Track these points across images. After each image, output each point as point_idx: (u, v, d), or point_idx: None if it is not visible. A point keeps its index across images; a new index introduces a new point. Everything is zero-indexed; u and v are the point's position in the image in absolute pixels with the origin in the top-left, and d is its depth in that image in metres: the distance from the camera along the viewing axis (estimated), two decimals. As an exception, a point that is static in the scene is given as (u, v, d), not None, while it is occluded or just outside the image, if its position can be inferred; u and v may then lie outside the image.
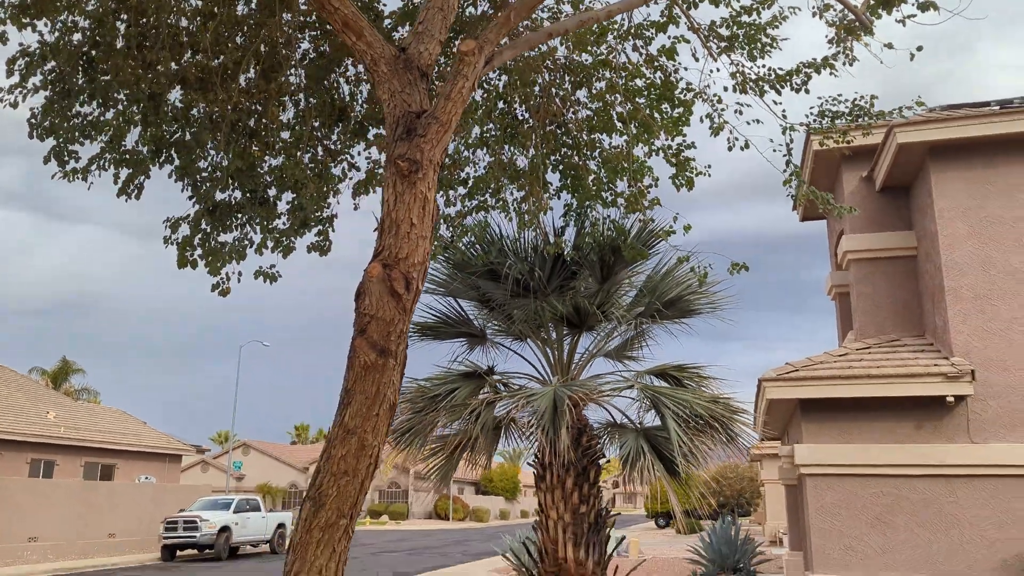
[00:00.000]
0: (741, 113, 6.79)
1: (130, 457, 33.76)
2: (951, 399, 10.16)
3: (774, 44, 6.71)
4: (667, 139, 7.23)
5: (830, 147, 9.03)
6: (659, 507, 48.99)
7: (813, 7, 6.29)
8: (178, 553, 26.90)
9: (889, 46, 5.83)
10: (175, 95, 6.96)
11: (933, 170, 11.08)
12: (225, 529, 26.69)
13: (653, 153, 7.52)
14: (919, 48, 5.77)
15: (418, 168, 4.08)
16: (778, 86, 7.06)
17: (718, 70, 6.85)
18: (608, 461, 8.78)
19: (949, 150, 11.00)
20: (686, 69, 7.08)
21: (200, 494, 32.60)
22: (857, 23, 5.96)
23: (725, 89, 6.80)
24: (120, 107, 6.82)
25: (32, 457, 29.85)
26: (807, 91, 7.12)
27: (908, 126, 10.76)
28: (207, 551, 26.65)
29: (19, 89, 6.62)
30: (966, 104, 11.88)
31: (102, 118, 6.71)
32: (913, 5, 5.72)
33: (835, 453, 10.53)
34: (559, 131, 7.75)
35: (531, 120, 7.76)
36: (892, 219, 12.34)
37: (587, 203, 7.63)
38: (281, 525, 30.17)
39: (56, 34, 6.53)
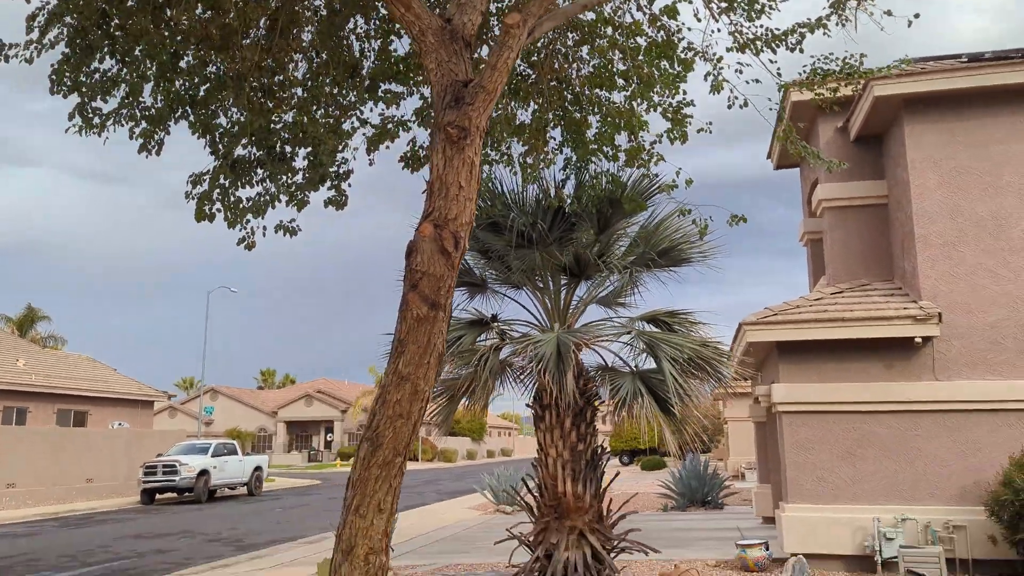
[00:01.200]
0: (741, 72, 7.12)
1: (102, 404, 33.78)
2: (919, 340, 10.81)
3: (773, 5, 7.02)
4: (667, 96, 7.54)
5: (809, 99, 9.41)
6: (624, 445, 50.44)
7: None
8: (157, 497, 27.27)
9: (888, 13, 6.19)
10: (190, 52, 7.07)
11: (907, 121, 11.54)
12: (204, 473, 27.08)
13: (652, 108, 7.82)
14: (916, 15, 6.14)
15: (466, 135, 4.37)
16: (774, 45, 7.39)
17: (719, 30, 7.16)
18: (602, 402, 9.26)
19: (922, 102, 11.45)
20: (689, 29, 7.37)
21: (175, 439, 32.87)
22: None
23: (729, 50, 7.12)
24: (136, 63, 6.92)
25: (4, 405, 29.76)
26: (801, 50, 7.47)
27: (884, 79, 11.16)
28: (186, 494, 27.05)
29: (34, 45, 6.69)
30: (938, 56, 12.31)
31: (121, 74, 6.81)
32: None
33: (810, 392, 11.17)
34: (561, 86, 8.01)
35: (534, 76, 8.01)
36: (865, 168, 12.82)
37: (588, 157, 7.94)
38: (258, 468, 30.61)
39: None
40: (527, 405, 9.48)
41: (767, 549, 11.12)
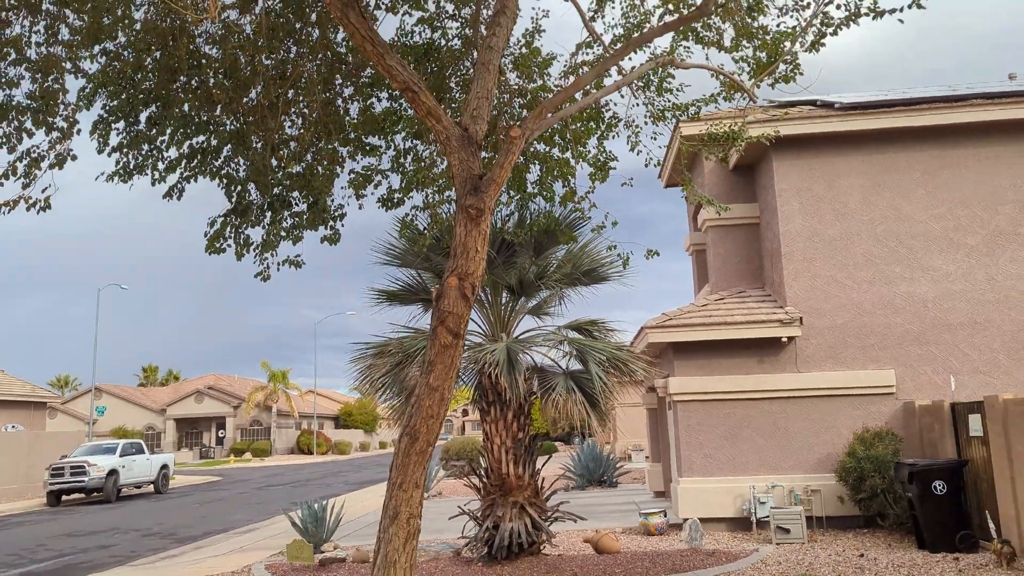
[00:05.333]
0: (656, 139, 9.11)
1: (-7, 407, 33.09)
2: (785, 339, 13.25)
3: (680, 88, 9.04)
4: (596, 151, 9.43)
5: (696, 134, 11.51)
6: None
7: (711, 74, 8.58)
8: (64, 498, 27.30)
9: (772, 101, 8.27)
10: (202, 111, 8.42)
11: (775, 157, 13.96)
12: (113, 472, 27.35)
13: (581, 159, 9.70)
14: (794, 103, 8.23)
15: (481, 214, 6.08)
16: (677, 114, 9.43)
17: (638, 105, 9.11)
18: (536, 397, 11.09)
19: (786, 142, 13.84)
20: (615, 104, 9.29)
21: (71, 440, 32.69)
22: (743, 93, 8.36)
23: (646, 122, 9.09)
24: (158, 122, 8.23)
25: None
26: (698, 117, 9.54)
27: (755, 124, 13.48)
28: (95, 494, 27.22)
29: (72, 107, 7.91)
30: (799, 101, 14.77)
31: (147, 132, 8.12)
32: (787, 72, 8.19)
33: (699, 383, 13.44)
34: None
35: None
36: (740, 193, 15.24)
37: (530, 199, 9.75)
38: (164, 466, 30.93)
39: (113, 63, 7.83)
40: (472, 402, 11.23)
41: (665, 516, 13.33)
